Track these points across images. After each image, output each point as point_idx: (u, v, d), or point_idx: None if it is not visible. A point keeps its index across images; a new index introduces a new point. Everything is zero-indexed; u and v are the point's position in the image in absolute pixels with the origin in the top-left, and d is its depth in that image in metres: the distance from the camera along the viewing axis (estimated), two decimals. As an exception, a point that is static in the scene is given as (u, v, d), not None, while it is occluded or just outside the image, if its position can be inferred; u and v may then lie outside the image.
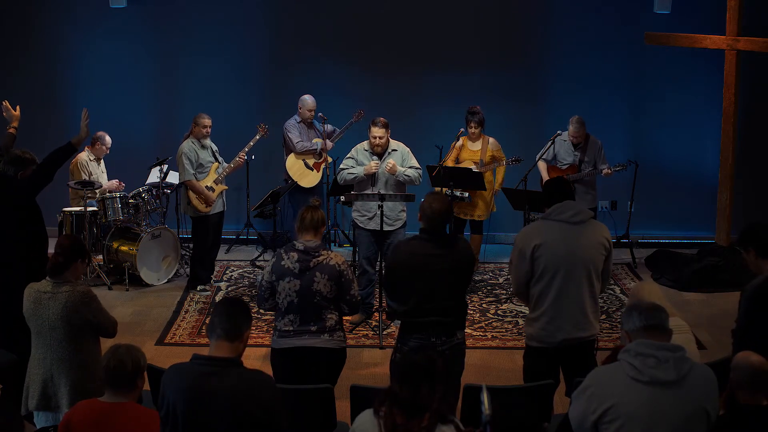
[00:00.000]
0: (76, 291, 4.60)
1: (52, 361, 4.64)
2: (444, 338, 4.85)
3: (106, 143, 8.98)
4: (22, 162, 6.24)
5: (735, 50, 8.66)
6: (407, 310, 4.89)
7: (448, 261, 4.84)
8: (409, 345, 4.88)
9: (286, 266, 4.97)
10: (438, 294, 4.83)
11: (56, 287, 4.63)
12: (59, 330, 4.59)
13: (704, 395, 3.29)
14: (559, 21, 9.97)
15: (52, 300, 4.60)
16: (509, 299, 8.16)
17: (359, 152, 7.45)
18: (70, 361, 4.62)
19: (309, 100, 9.06)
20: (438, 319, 4.84)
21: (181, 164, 8.17)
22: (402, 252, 4.94)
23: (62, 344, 4.61)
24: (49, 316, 4.60)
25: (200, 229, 8.35)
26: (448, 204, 4.97)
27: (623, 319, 3.45)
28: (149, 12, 10.04)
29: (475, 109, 8.56)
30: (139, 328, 7.57)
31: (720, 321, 7.47)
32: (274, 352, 5.09)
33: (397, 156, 7.39)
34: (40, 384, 4.68)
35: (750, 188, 9.81)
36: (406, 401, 3.10)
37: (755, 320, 4.42)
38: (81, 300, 4.59)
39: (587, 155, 8.59)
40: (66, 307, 4.57)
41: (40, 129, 9.57)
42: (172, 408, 3.52)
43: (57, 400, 4.65)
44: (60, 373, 4.63)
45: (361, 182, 7.40)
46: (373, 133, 7.32)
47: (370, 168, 7.32)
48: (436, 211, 4.83)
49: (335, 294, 5.01)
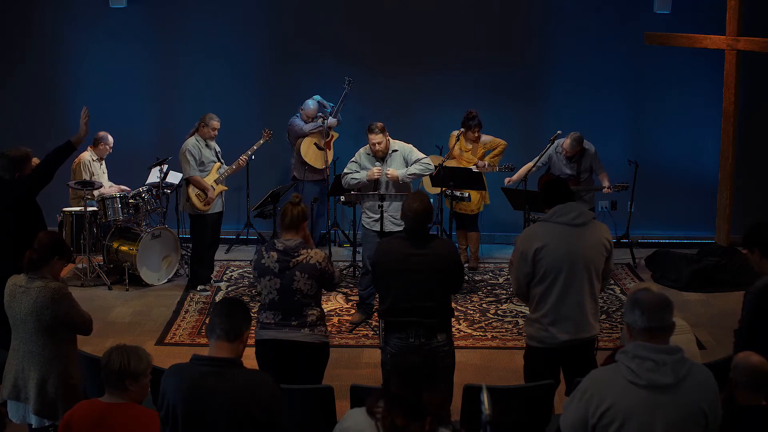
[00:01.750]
0: (47, 287, 4.61)
1: (23, 354, 4.69)
2: (423, 340, 4.84)
3: (108, 143, 8.98)
4: (19, 161, 6.23)
5: (735, 50, 8.65)
6: (386, 309, 4.94)
7: (427, 261, 4.83)
8: (390, 344, 4.92)
9: (266, 264, 5.01)
10: (416, 294, 4.83)
11: (30, 282, 4.65)
12: (29, 324, 4.63)
13: (702, 396, 3.28)
14: (559, 21, 9.97)
15: (25, 294, 4.63)
16: (509, 299, 8.16)
17: (362, 156, 7.44)
18: (40, 355, 4.64)
19: (311, 106, 9.34)
20: (416, 319, 4.84)
21: (184, 160, 8.16)
22: (382, 250, 4.99)
23: (32, 338, 4.64)
24: (21, 310, 4.63)
25: (198, 228, 8.34)
26: (429, 204, 4.95)
27: (625, 311, 3.42)
28: (149, 12, 10.04)
29: (473, 114, 8.60)
30: (139, 328, 7.57)
31: (720, 321, 7.48)
32: (256, 344, 5.13)
33: (398, 156, 7.38)
34: (12, 374, 4.73)
35: (750, 188, 9.81)
36: (407, 403, 3.08)
37: (759, 321, 4.41)
38: (51, 297, 4.59)
39: (583, 165, 8.59)
40: (36, 303, 4.59)
41: (40, 129, 9.58)
42: (172, 408, 3.52)
43: (26, 392, 4.69)
44: (29, 367, 4.67)
45: (365, 187, 7.41)
46: (371, 140, 7.30)
47: (372, 174, 7.32)
48: (414, 210, 4.84)
49: (316, 291, 5.05)
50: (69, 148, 6.37)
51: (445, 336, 4.97)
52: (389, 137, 7.40)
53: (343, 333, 7.40)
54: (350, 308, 7.90)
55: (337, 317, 7.73)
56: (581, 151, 8.52)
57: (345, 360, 6.79)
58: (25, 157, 6.28)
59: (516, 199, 8.31)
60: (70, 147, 6.38)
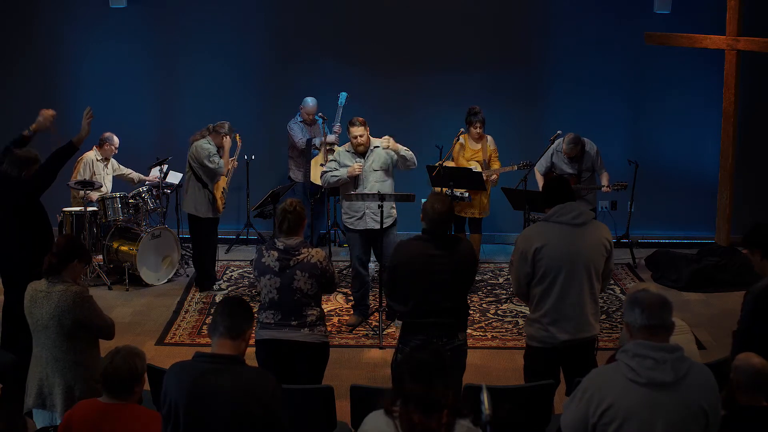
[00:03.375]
0: (69, 291, 4.59)
1: (47, 361, 4.65)
2: (445, 339, 4.84)
3: (114, 144, 9.00)
4: (26, 162, 6.25)
5: (735, 50, 8.66)
6: (407, 311, 4.90)
7: (450, 262, 4.84)
8: (411, 346, 4.88)
9: (266, 263, 5.01)
10: (438, 295, 4.83)
11: (51, 287, 4.62)
12: (51, 329, 4.59)
13: (702, 395, 3.29)
14: (559, 21, 9.97)
15: (46, 299, 4.60)
16: (509, 299, 8.16)
17: (341, 154, 7.40)
18: (64, 360, 4.62)
19: (310, 104, 9.26)
20: (438, 320, 4.84)
21: (206, 163, 8.15)
22: (403, 252, 4.95)
23: (55, 344, 4.61)
24: (42, 315, 4.60)
25: (215, 229, 8.45)
26: (450, 205, 4.96)
27: (625, 310, 3.42)
28: (149, 12, 10.04)
29: (476, 110, 8.57)
30: (139, 328, 7.57)
31: (720, 321, 7.48)
32: (256, 344, 5.12)
33: (380, 152, 7.34)
34: (36, 382, 4.69)
35: (750, 188, 9.81)
36: (421, 399, 3.07)
37: (759, 322, 4.41)
38: (73, 301, 4.57)
39: (585, 164, 8.58)
40: (58, 307, 4.56)
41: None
42: (174, 405, 3.52)
43: (52, 400, 4.65)
44: (54, 373, 4.63)
45: (345, 184, 7.36)
46: (353, 133, 7.26)
47: (353, 170, 7.26)
48: (438, 212, 4.83)
49: (316, 290, 5.04)
50: (71, 148, 6.38)
51: (464, 335, 5.01)
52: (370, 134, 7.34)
53: (342, 333, 7.40)
54: (350, 308, 7.89)
55: (336, 317, 7.74)
56: (582, 151, 8.52)
57: (345, 360, 6.79)
58: (34, 159, 6.30)
59: (516, 199, 8.31)
60: (72, 147, 6.38)
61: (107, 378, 3.78)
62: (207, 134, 8.24)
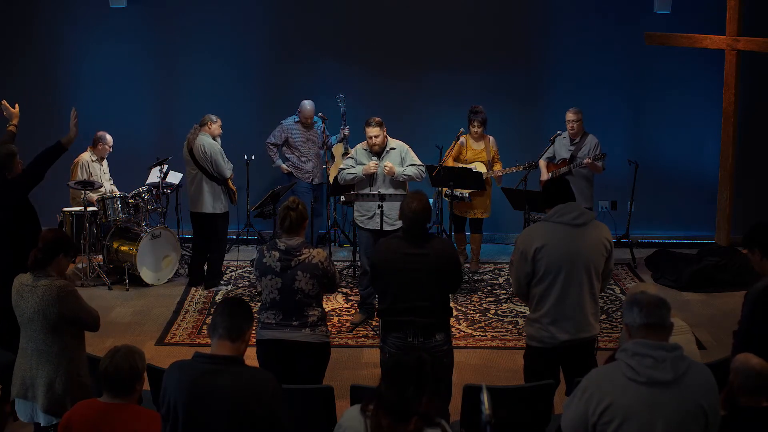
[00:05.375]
0: (53, 285, 4.63)
1: (32, 353, 4.70)
2: (421, 339, 4.85)
3: (107, 143, 8.95)
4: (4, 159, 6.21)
5: (735, 50, 8.66)
6: (384, 308, 4.95)
7: (425, 261, 4.85)
8: (388, 343, 4.93)
9: (267, 264, 5.02)
10: (414, 294, 4.84)
11: (36, 281, 4.66)
12: (36, 323, 4.64)
13: (702, 394, 3.29)
14: (559, 21, 9.97)
15: (31, 293, 4.64)
16: (509, 299, 8.16)
17: (358, 152, 7.46)
18: (48, 353, 4.66)
19: (307, 107, 9.25)
20: (414, 319, 4.86)
21: (220, 161, 8.20)
22: (381, 250, 5.01)
23: (40, 336, 4.66)
24: (28, 309, 4.65)
25: (226, 225, 8.52)
26: (427, 204, 4.96)
27: (624, 312, 3.44)
28: (149, 12, 10.03)
29: (477, 109, 8.58)
30: (139, 328, 7.57)
31: (720, 321, 7.49)
32: (257, 344, 5.13)
33: (395, 154, 7.38)
34: (21, 373, 4.74)
35: (750, 188, 9.81)
36: (391, 404, 3.08)
37: (759, 322, 4.40)
38: (57, 294, 4.61)
39: (581, 151, 8.57)
40: (42, 301, 4.60)
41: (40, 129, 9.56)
42: (173, 405, 3.52)
43: (34, 391, 4.70)
44: (38, 366, 4.68)
45: (361, 182, 7.42)
46: (369, 133, 7.32)
47: (368, 168, 7.33)
48: (414, 210, 4.86)
49: (317, 291, 5.04)
50: (59, 148, 6.36)
51: (444, 335, 4.98)
52: (387, 134, 7.40)
53: (343, 333, 7.40)
54: (350, 308, 7.90)
55: (337, 317, 7.74)
56: (583, 131, 8.52)
57: (345, 360, 6.79)
58: (11, 154, 6.25)
59: (516, 199, 8.31)
60: (60, 148, 6.36)
61: (108, 377, 3.79)
62: (200, 130, 8.26)
